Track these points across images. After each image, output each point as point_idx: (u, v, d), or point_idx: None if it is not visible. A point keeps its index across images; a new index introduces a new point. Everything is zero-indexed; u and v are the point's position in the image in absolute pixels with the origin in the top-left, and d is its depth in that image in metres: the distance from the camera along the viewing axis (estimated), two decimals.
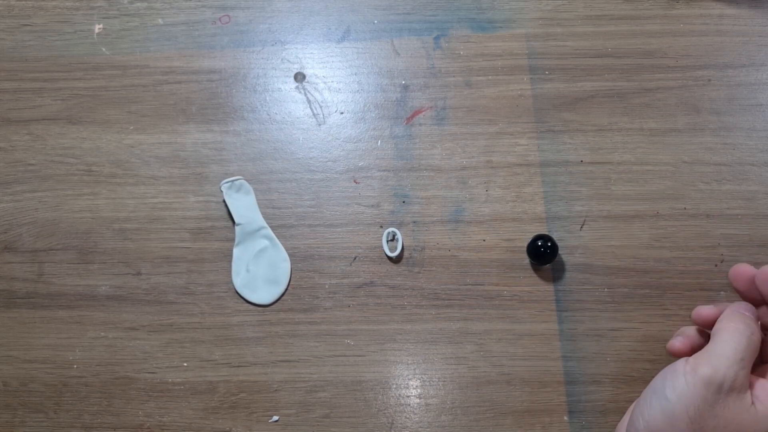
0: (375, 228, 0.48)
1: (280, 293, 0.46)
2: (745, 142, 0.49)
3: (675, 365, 0.36)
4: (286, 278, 0.46)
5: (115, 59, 0.53)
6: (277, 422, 0.44)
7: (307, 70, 0.52)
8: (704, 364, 0.34)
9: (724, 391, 0.33)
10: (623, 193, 0.48)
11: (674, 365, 0.36)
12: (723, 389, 0.33)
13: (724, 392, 0.33)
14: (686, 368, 0.35)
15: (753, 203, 0.47)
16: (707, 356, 0.35)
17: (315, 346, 0.46)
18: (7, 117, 0.52)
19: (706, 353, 0.35)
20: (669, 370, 0.36)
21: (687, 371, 0.35)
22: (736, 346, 0.34)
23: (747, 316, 0.37)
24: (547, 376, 0.44)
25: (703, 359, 0.35)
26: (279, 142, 0.50)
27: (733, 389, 0.33)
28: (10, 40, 0.54)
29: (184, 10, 0.54)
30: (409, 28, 0.53)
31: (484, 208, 0.48)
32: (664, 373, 0.37)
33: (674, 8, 0.53)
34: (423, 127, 0.50)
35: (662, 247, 0.47)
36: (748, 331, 0.35)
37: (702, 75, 0.51)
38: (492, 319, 0.46)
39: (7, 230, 0.49)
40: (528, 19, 0.53)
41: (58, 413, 0.45)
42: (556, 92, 0.51)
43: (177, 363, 0.46)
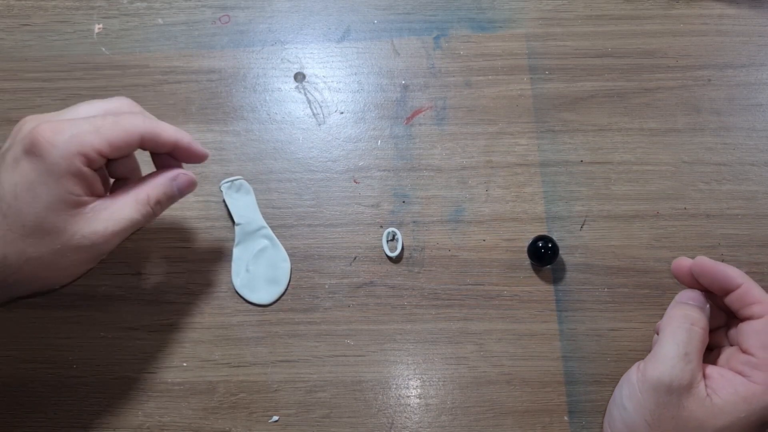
0: (375, 228, 0.48)
1: (280, 293, 0.46)
2: (745, 142, 0.49)
3: (629, 373, 0.36)
4: (286, 278, 0.46)
5: (115, 59, 0.53)
6: (277, 422, 0.44)
7: (307, 70, 0.52)
8: (651, 367, 0.34)
9: (674, 391, 0.33)
10: (623, 193, 0.48)
11: (629, 373, 0.36)
12: (673, 390, 0.33)
13: (675, 392, 0.33)
14: (638, 375, 0.35)
15: (753, 203, 0.47)
16: (653, 359, 0.34)
17: (315, 346, 0.46)
18: (7, 117, 0.52)
19: (652, 356, 0.35)
20: (625, 379, 0.36)
21: (638, 378, 0.34)
22: (678, 343, 0.34)
23: (688, 306, 0.36)
24: (547, 376, 0.44)
25: (650, 362, 0.34)
26: (279, 141, 0.50)
27: (684, 387, 0.33)
28: (10, 40, 0.54)
29: (184, 10, 0.54)
30: (409, 28, 0.53)
31: (484, 208, 0.48)
32: (621, 382, 0.36)
33: (674, 8, 0.53)
34: (423, 127, 0.50)
35: (662, 247, 0.47)
36: (687, 323, 0.35)
37: (702, 75, 0.51)
38: (492, 319, 0.46)
39: None
40: (528, 19, 0.53)
41: (57, 413, 0.45)
42: (556, 92, 0.51)
43: (177, 363, 0.46)
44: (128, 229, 0.37)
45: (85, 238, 0.35)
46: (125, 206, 0.37)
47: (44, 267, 0.35)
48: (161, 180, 0.39)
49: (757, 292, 0.35)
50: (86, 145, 0.34)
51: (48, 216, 0.34)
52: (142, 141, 0.37)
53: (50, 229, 0.34)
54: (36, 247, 0.34)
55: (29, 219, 0.33)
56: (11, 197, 0.33)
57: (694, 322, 0.35)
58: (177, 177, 0.39)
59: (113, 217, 0.36)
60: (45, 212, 0.34)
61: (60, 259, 0.35)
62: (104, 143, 0.35)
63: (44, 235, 0.34)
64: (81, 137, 0.34)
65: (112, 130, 0.35)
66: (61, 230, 0.34)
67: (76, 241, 0.35)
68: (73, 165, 0.34)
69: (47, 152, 0.33)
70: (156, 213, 0.39)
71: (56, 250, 0.34)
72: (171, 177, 0.39)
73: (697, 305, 0.36)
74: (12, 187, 0.33)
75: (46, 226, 0.34)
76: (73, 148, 0.34)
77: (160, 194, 0.39)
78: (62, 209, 0.34)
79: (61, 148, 0.34)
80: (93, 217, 0.35)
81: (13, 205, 0.33)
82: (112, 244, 0.37)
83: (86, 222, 0.35)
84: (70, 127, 0.35)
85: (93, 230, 0.35)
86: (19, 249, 0.34)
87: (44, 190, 0.33)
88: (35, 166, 0.33)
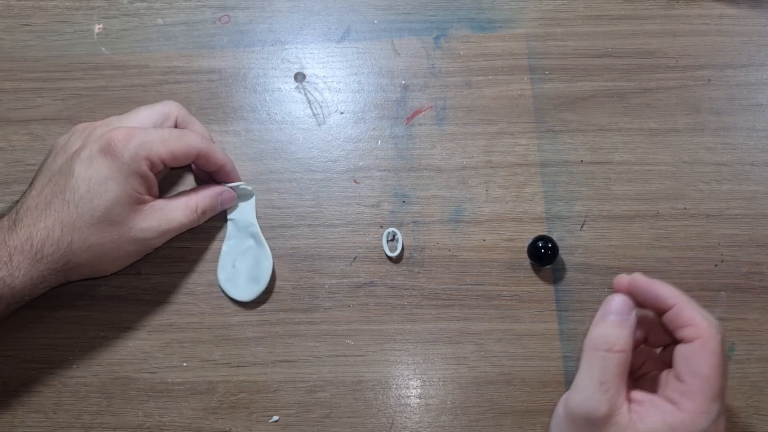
0: (375, 228, 0.48)
1: (260, 291, 0.46)
2: (745, 142, 0.49)
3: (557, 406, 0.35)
4: (267, 276, 0.46)
5: (115, 59, 0.53)
6: (277, 422, 0.44)
7: (307, 70, 0.52)
8: (570, 398, 0.33)
9: (593, 422, 0.31)
10: (623, 193, 0.48)
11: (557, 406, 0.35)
12: (591, 421, 0.31)
13: (594, 423, 0.31)
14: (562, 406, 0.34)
15: (753, 203, 0.47)
16: (573, 390, 0.33)
17: (315, 346, 0.46)
18: (6, 117, 0.52)
19: (573, 386, 0.33)
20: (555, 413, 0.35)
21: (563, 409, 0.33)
22: (592, 372, 0.32)
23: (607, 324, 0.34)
24: (547, 376, 0.44)
25: (571, 394, 0.33)
26: (279, 142, 0.50)
27: (601, 417, 0.31)
28: (10, 40, 0.54)
29: (184, 10, 0.54)
30: (409, 28, 0.53)
31: (484, 208, 0.48)
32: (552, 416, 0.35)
33: (674, 8, 0.53)
34: (423, 127, 0.50)
35: (662, 247, 0.47)
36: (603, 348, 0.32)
37: (702, 75, 0.51)
38: (492, 319, 0.46)
39: None
40: (528, 19, 0.53)
41: (57, 413, 0.45)
42: (556, 92, 0.51)
43: (177, 363, 0.46)
44: (176, 230, 0.43)
45: (142, 231, 0.41)
46: (177, 209, 0.43)
47: (102, 254, 0.40)
48: (209, 193, 0.45)
49: (689, 313, 0.33)
50: (153, 151, 0.40)
51: (114, 208, 0.39)
52: (198, 157, 0.43)
53: (114, 219, 0.39)
54: (99, 235, 0.39)
55: (98, 209, 0.39)
56: (84, 189, 0.38)
57: (610, 347, 0.32)
58: (222, 193, 0.46)
59: (166, 217, 0.42)
60: (113, 204, 0.39)
61: (117, 248, 0.40)
62: (168, 153, 0.41)
63: (108, 225, 0.39)
64: (150, 144, 0.40)
65: (176, 143, 0.42)
66: (122, 222, 0.40)
67: (134, 233, 0.40)
68: (140, 166, 0.40)
69: (120, 153, 0.39)
70: (200, 220, 0.45)
71: (115, 239, 0.40)
72: (218, 191, 0.46)
73: (617, 319, 0.34)
74: (86, 181, 0.39)
75: (111, 216, 0.39)
76: (142, 152, 0.40)
77: (207, 205, 0.45)
78: (126, 203, 0.40)
79: (132, 151, 0.39)
80: (149, 214, 0.41)
81: (85, 196, 0.38)
82: (161, 240, 0.43)
83: (143, 218, 0.41)
84: (141, 134, 0.40)
85: (148, 226, 0.41)
86: (85, 236, 0.39)
87: (114, 185, 0.39)
88: (109, 164, 0.39)
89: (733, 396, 0.44)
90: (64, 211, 0.38)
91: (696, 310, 0.33)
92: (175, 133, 0.42)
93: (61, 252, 0.38)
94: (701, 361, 0.31)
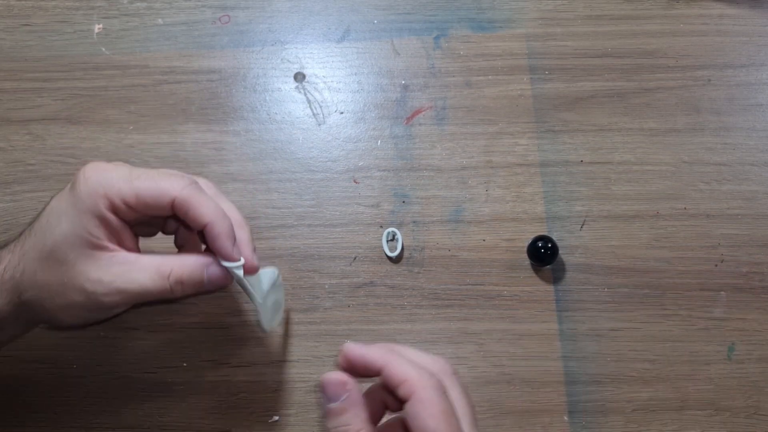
0: (375, 228, 0.48)
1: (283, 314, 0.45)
2: (745, 142, 0.49)
3: None
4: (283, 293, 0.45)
5: (114, 59, 0.53)
6: (277, 422, 0.44)
7: (307, 70, 0.52)
8: None
9: None
10: (623, 193, 0.48)
11: None
12: None
13: None
14: None
15: (753, 203, 0.47)
16: None
17: (315, 346, 0.46)
18: (6, 117, 0.52)
19: None
20: None
21: None
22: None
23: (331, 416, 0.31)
24: (547, 376, 0.44)
25: None
26: (279, 141, 0.50)
27: None
28: (10, 40, 0.54)
29: (184, 10, 0.54)
30: (409, 28, 0.53)
31: (484, 208, 0.48)
32: None
33: (674, 8, 0.53)
34: (423, 127, 0.50)
35: (662, 247, 0.47)
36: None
37: (702, 75, 0.51)
38: (492, 319, 0.46)
39: (7, 230, 0.49)
40: (528, 19, 0.53)
41: (57, 413, 0.45)
42: (556, 92, 0.51)
43: (177, 363, 0.46)
44: (137, 295, 0.35)
45: (91, 282, 0.34)
46: (143, 270, 0.35)
47: (49, 296, 0.35)
48: (192, 260, 0.36)
49: (398, 369, 0.31)
50: (113, 189, 0.34)
51: (62, 246, 0.34)
52: (174, 206, 0.35)
53: (61, 259, 0.34)
54: (45, 273, 0.34)
55: (48, 243, 0.34)
56: (45, 220, 0.35)
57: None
58: (210, 265, 0.36)
59: (125, 275, 0.34)
60: (61, 241, 0.34)
61: (63, 294, 0.34)
62: (132, 194, 0.34)
63: (55, 263, 0.34)
64: (112, 181, 0.34)
65: (145, 184, 0.34)
66: (70, 265, 0.34)
67: (81, 282, 0.34)
68: (95, 205, 0.34)
69: (78, 187, 0.34)
70: (174, 291, 0.35)
71: (62, 283, 0.34)
72: (205, 262, 0.36)
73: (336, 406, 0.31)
74: (48, 212, 0.35)
75: (58, 255, 0.34)
76: (100, 189, 0.34)
77: (185, 274, 0.35)
78: (77, 245, 0.34)
79: (90, 186, 0.34)
80: (106, 265, 0.34)
81: (42, 227, 0.35)
82: (116, 302, 0.35)
83: (97, 267, 0.34)
84: (109, 169, 0.35)
85: (99, 278, 0.34)
86: (33, 269, 0.34)
87: (66, 221, 0.34)
88: (67, 197, 0.34)
89: (733, 396, 0.44)
90: (26, 239, 0.35)
91: (405, 364, 0.31)
92: (149, 173, 0.35)
93: (15, 281, 0.35)
94: (424, 417, 0.29)
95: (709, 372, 0.44)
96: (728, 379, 0.44)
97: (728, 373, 0.44)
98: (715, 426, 0.43)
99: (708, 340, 0.45)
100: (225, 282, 0.36)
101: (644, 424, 0.43)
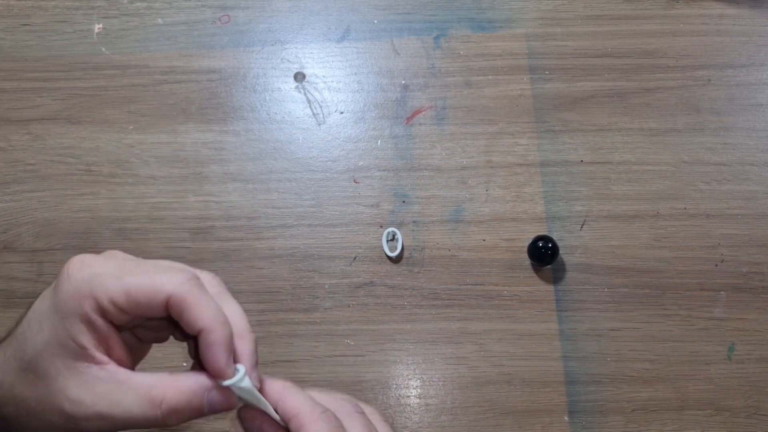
0: (375, 228, 0.48)
1: None
2: (745, 142, 0.49)
3: None
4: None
5: (114, 59, 0.53)
6: None
7: (307, 70, 0.52)
8: None
9: None
10: (623, 193, 0.48)
11: None
12: None
13: None
14: None
15: (753, 203, 0.47)
16: None
17: (315, 346, 0.46)
18: (6, 117, 0.52)
19: None
20: None
21: None
22: None
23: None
24: (547, 376, 0.44)
25: None
26: (279, 141, 0.50)
27: None
28: (10, 40, 0.54)
29: (184, 9, 0.54)
30: (409, 28, 0.53)
31: (484, 208, 0.48)
32: None
33: (674, 8, 0.53)
34: (423, 127, 0.50)
35: (662, 247, 0.47)
36: None
37: (702, 75, 0.51)
38: (492, 319, 0.46)
39: (7, 230, 0.49)
40: (528, 19, 0.53)
41: None
42: (556, 92, 0.51)
43: (177, 363, 0.45)
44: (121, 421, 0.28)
45: (70, 402, 0.28)
46: (131, 393, 0.28)
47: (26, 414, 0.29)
48: (191, 383, 0.29)
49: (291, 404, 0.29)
50: (100, 288, 0.28)
51: (43, 356, 0.28)
52: (169, 305, 0.29)
53: (41, 372, 0.29)
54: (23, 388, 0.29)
55: (27, 354, 0.29)
56: (26, 325, 0.29)
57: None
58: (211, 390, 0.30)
59: (110, 396, 0.28)
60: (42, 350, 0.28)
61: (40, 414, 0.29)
62: (121, 292, 0.28)
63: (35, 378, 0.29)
64: (100, 278, 0.28)
65: (136, 279, 0.28)
66: (50, 379, 0.28)
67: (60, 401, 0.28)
68: (80, 307, 0.28)
69: (62, 286, 0.29)
70: (167, 421, 0.29)
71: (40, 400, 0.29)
72: (206, 385, 0.29)
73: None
74: (30, 314, 0.30)
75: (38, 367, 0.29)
76: (85, 287, 0.28)
77: (181, 402, 0.29)
78: (59, 354, 0.28)
79: (73, 285, 0.28)
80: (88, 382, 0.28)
81: (23, 334, 0.29)
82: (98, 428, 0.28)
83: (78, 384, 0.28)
84: (96, 264, 0.29)
85: (80, 398, 0.28)
86: (11, 381, 0.29)
87: (47, 326, 0.29)
88: (50, 298, 0.29)
89: (733, 396, 0.44)
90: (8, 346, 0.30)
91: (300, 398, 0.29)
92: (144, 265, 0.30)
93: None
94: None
95: (709, 372, 0.44)
96: (728, 379, 0.44)
97: (728, 373, 0.44)
98: (715, 426, 0.43)
99: (708, 340, 0.45)
100: (229, 407, 0.31)
101: (644, 424, 0.43)
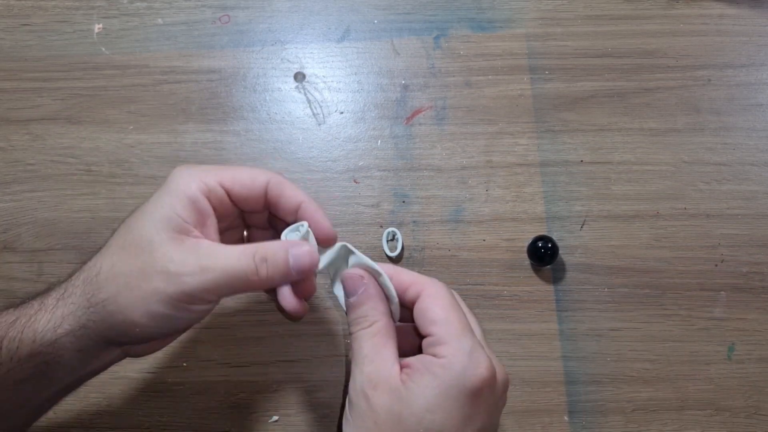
0: (375, 228, 0.48)
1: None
2: (745, 142, 0.49)
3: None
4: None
5: (114, 59, 0.53)
6: (277, 422, 0.44)
7: (307, 70, 0.52)
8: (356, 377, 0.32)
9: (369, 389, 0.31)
10: (623, 193, 0.48)
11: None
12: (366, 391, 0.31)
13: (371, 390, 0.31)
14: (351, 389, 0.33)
15: (753, 203, 0.47)
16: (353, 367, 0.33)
17: (315, 346, 0.46)
18: (6, 117, 0.52)
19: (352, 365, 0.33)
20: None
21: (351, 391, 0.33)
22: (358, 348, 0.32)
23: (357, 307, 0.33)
24: (547, 376, 0.44)
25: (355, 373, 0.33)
26: (279, 141, 0.50)
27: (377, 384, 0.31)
28: (10, 40, 0.54)
29: (184, 9, 0.54)
30: (409, 28, 0.53)
31: (484, 208, 0.48)
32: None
33: (674, 8, 0.53)
34: (423, 127, 0.50)
35: (662, 247, 0.47)
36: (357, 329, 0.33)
37: (702, 75, 0.51)
38: (492, 319, 0.46)
39: (7, 230, 0.49)
40: (528, 19, 0.53)
41: (57, 413, 0.45)
42: (556, 92, 0.51)
43: (177, 363, 0.46)
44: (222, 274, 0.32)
45: (173, 263, 0.32)
46: (228, 252, 0.33)
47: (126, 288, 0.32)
48: (278, 243, 0.34)
49: (406, 276, 0.34)
50: (210, 173, 0.35)
51: (147, 230, 0.33)
52: (269, 188, 0.36)
53: (144, 244, 0.33)
54: (125, 263, 0.33)
55: (131, 231, 0.33)
56: (131, 216, 0.34)
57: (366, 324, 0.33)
58: (294, 246, 0.34)
59: (210, 255, 0.33)
60: (147, 226, 0.33)
61: (143, 283, 0.32)
62: (228, 175, 0.35)
63: (137, 250, 0.33)
64: (209, 168, 0.35)
65: (239, 170, 0.36)
66: (153, 247, 0.32)
67: (162, 263, 0.32)
68: (188, 186, 0.34)
69: (171, 178, 0.34)
70: (260, 272, 0.33)
71: (142, 268, 0.32)
72: (289, 243, 0.34)
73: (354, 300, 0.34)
74: (136, 210, 0.35)
75: (142, 240, 0.33)
76: (195, 175, 0.34)
77: (269, 253, 0.34)
78: (162, 227, 0.33)
79: (183, 176, 0.34)
80: (189, 248, 0.33)
81: (127, 222, 0.34)
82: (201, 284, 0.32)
83: (180, 249, 0.32)
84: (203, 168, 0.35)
85: (183, 259, 0.32)
86: (113, 261, 0.33)
87: (153, 208, 0.33)
88: (157, 191, 0.34)
89: (733, 396, 0.44)
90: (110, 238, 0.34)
91: (409, 272, 0.34)
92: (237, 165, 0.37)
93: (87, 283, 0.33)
94: (434, 308, 0.32)
95: (709, 372, 0.44)
96: (728, 379, 0.44)
97: (728, 373, 0.44)
98: (715, 426, 0.43)
99: (708, 340, 0.45)
100: (311, 263, 0.34)
101: (644, 424, 0.43)
